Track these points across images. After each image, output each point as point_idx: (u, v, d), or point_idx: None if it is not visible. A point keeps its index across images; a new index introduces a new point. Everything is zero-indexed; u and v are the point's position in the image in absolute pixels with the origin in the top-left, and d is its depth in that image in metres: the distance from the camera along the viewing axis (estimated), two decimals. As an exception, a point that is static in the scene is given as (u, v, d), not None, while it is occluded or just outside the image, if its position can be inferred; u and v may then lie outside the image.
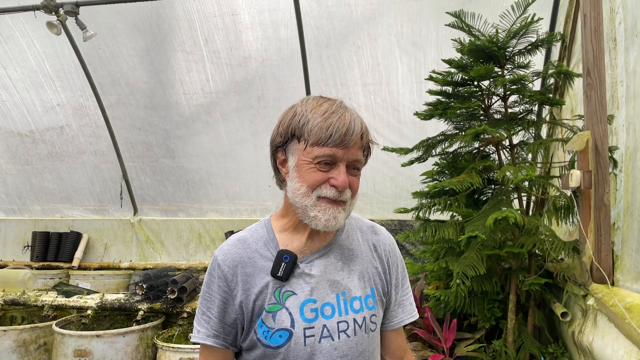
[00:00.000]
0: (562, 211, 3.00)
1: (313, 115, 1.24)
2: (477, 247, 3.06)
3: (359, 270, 1.38)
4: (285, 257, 1.29)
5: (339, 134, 1.21)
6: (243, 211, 5.88)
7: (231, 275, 1.31)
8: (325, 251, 1.36)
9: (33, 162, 6.16)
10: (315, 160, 1.24)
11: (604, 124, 2.61)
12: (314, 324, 1.27)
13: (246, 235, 1.39)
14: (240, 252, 1.34)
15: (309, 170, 1.25)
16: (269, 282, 1.29)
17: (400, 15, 4.55)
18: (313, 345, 1.26)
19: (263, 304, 1.28)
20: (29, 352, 4.08)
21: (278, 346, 1.26)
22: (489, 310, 3.35)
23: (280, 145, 1.32)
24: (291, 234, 1.36)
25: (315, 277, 1.31)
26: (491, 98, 3.39)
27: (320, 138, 1.22)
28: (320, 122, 1.22)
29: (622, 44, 2.64)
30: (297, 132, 1.26)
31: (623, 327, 2.11)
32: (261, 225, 1.41)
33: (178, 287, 4.07)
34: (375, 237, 1.48)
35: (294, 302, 1.28)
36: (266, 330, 1.27)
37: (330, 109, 1.25)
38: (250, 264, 1.32)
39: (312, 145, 1.23)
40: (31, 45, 5.35)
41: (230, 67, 5.12)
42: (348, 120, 1.23)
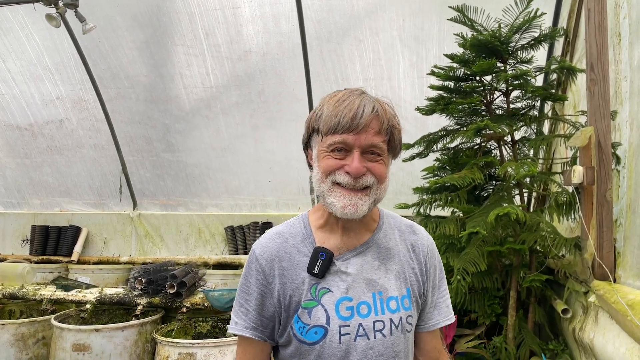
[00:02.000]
0: (564, 207, 2.99)
1: (327, 106, 1.25)
2: (478, 243, 3.04)
3: (396, 270, 1.37)
4: (321, 254, 1.29)
5: (345, 119, 1.20)
6: (243, 206, 5.86)
7: (269, 269, 1.31)
8: (362, 249, 1.35)
9: (32, 156, 6.14)
10: (329, 148, 1.25)
11: (607, 120, 2.59)
12: (349, 322, 1.27)
13: (284, 230, 1.39)
14: (278, 247, 1.34)
15: (325, 157, 1.26)
16: (305, 278, 1.29)
17: (402, 9, 4.52)
18: (348, 344, 1.26)
19: (299, 299, 1.28)
20: (28, 346, 4.07)
21: (313, 342, 1.26)
22: (489, 307, 3.35)
23: (306, 141, 1.35)
24: (327, 231, 1.36)
25: (351, 275, 1.31)
26: (493, 93, 3.37)
27: (330, 126, 1.22)
28: (331, 111, 1.23)
29: (627, 39, 2.62)
30: (315, 125, 1.28)
31: (625, 324, 2.09)
32: (299, 220, 1.41)
33: (177, 282, 4.06)
34: (413, 237, 1.46)
35: (330, 299, 1.28)
36: (302, 326, 1.27)
37: (342, 97, 1.25)
38: (287, 259, 1.32)
39: (326, 135, 1.24)
40: (30, 37, 5.31)
41: (230, 61, 5.09)
42: (356, 105, 1.22)
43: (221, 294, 3.92)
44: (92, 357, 3.68)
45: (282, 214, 5.74)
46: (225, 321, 4.10)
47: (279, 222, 5.90)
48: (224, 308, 3.85)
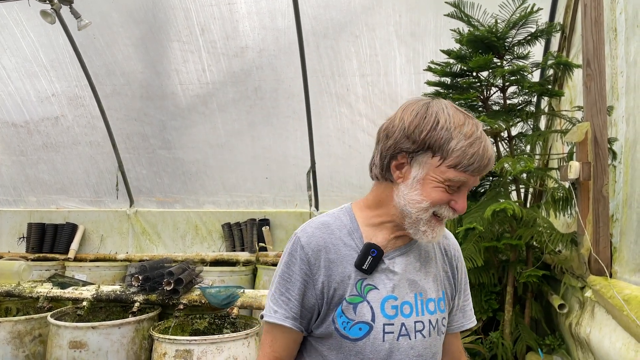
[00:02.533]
0: (560, 203, 2.99)
1: (457, 135, 1.18)
2: (475, 239, 3.05)
3: (433, 273, 1.37)
4: (372, 250, 1.27)
5: (480, 164, 1.18)
6: (240, 203, 5.86)
7: (314, 259, 1.27)
8: (406, 250, 1.34)
9: (28, 153, 6.12)
10: (447, 182, 1.20)
11: (604, 115, 2.59)
12: (393, 321, 1.26)
13: (329, 221, 1.34)
14: (325, 237, 1.30)
15: (436, 188, 1.21)
16: (352, 273, 1.27)
17: (398, 5, 4.51)
18: (392, 343, 1.25)
19: (344, 293, 1.26)
20: (24, 343, 4.06)
21: (357, 339, 1.24)
22: (486, 302, 3.35)
23: (408, 151, 1.23)
24: (375, 228, 1.33)
25: (397, 274, 1.30)
26: (490, 89, 3.36)
27: (461, 163, 1.17)
28: (466, 147, 1.17)
29: (623, 35, 2.62)
30: (435, 146, 1.19)
31: (621, 319, 2.10)
32: (343, 213, 1.37)
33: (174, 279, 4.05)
34: (445, 241, 1.46)
35: (376, 296, 1.26)
36: (346, 321, 1.25)
37: (475, 133, 1.19)
38: (334, 251, 1.28)
39: (449, 167, 1.19)
40: (25, 34, 5.29)
41: (226, 57, 5.07)
42: (489, 150, 1.20)
43: (218, 290, 3.91)
44: (88, 354, 3.67)
45: (279, 210, 5.74)
46: (222, 318, 4.09)
47: (276, 219, 5.89)
48: (221, 305, 3.85)
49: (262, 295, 3.77)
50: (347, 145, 5.31)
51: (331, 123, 5.25)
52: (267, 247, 5.45)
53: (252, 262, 5.36)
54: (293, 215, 5.70)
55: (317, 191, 5.56)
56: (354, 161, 5.34)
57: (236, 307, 3.71)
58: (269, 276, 4.91)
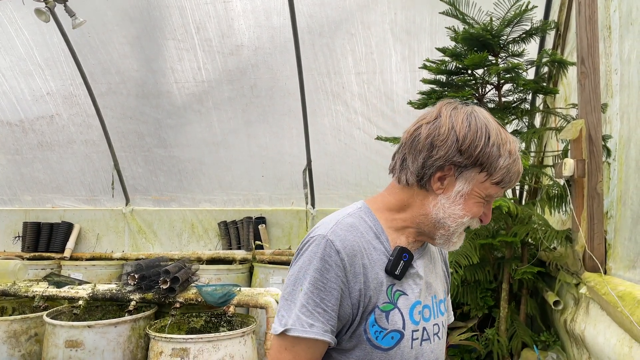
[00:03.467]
0: (555, 200, 3.01)
1: (504, 152, 1.18)
2: (470, 236, 3.06)
3: (439, 274, 1.39)
4: (404, 255, 1.22)
5: (514, 180, 1.23)
6: (236, 201, 5.85)
7: (350, 265, 1.17)
8: (422, 252, 1.32)
9: (23, 152, 6.09)
10: (487, 197, 1.23)
11: (598, 113, 2.60)
12: (418, 327, 1.25)
13: (356, 223, 1.24)
14: (357, 241, 1.20)
15: (477, 203, 1.22)
16: (383, 279, 1.20)
17: (394, 3, 4.51)
18: (417, 349, 1.24)
19: (377, 301, 1.19)
20: (20, 343, 4.05)
21: (388, 348, 1.19)
22: (481, 299, 3.36)
23: (460, 165, 1.18)
24: (397, 231, 1.27)
25: (423, 278, 1.28)
26: (485, 87, 3.37)
27: (504, 180, 1.20)
28: (510, 165, 1.19)
29: (617, 32, 2.63)
30: (486, 163, 1.18)
31: (615, 315, 2.11)
32: (364, 213, 1.28)
33: (170, 277, 4.05)
34: None
35: (405, 303, 1.22)
36: (379, 330, 1.18)
37: (516, 151, 1.22)
38: (366, 255, 1.20)
39: (493, 183, 1.20)
40: (19, 32, 5.26)
41: (222, 55, 5.06)
42: (522, 168, 1.25)
43: (215, 289, 3.91)
44: (85, 353, 3.67)
45: (275, 208, 5.74)
46: (218, 316, 4.10)
47: (272, 217, 5.89)
48: (217, 303, 3.85)
49: (259, 293, 3.77)
50: (343, 143, 5.32)
51: (327, 121, 5.25)
52: (263, 245, 5.45)
53: (249, 260, 5.36)
54: (289, 213, 5.70)
55: (313, 189, 5.56)
56: (350, 159, 5.34)
57: (232, 305, 3.71)
58: (266, 274, 4.91)
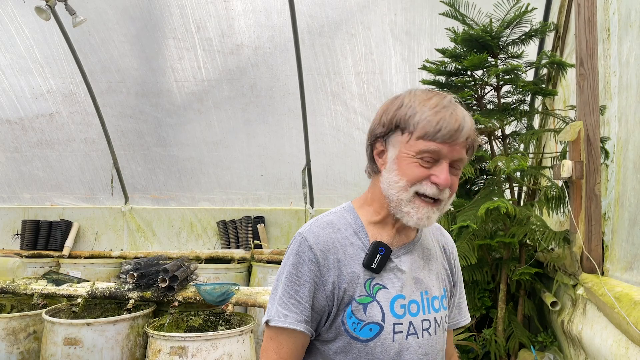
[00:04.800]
0: (553, 201, 3.02)
1: (421, 108, 1.19)
2: (469, 237, 3.07)
3: (436, 271, 1.37)
4: (380, 249, 1.25)
5: (448, 129, 1.16)
6: (235, 200, 5.86)
7: (323, 260, 1.24)
8: (410, 248, 1.34)
9: (22, 150, 6.09)
10: (419, 154, 1.19)
11: (596, 115, 2.61)
12: (402, 320, 1.25)
13: (334, 220, 1.31)
14: (332, 237, 1.27)
15: (410, 164, 1.20)
16: (360, 273, 1.25)
17: (394, 3, 4.52)
18: (401, 342, 1.24)
19: (353, 294, 1.23)
20: (19, 340, 4.05)
21: (367, 339, 1.22)
22: (479, 300, 3.37)
23: (381, 135, 1.26)
24: (379, 226, 1.32)
25: (405, 273, 1.29)
26: (484, 88, 3.38)
27: (427, 132, 1.17)
28: (430, 116, 1.17)
29: (616, 34, 2.64)
30: (402, 123, 1.21)
31: (612, 317, 2.12)
32: (346, 211, 1.34)
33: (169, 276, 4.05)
34: (443, 238, 1.47)
35: (385, 296, 1.25)
36: (356, 322, 1.23)
37: (441, 103, 1.19)
38: (341, 250, 1.26)
39: (418, 139, 1.18)
40: (20, 30, 5.26)
41: (222, 54, 5.07)
42: (461, 116, 1.18)
43: (213, 287, 3.92)
44: (83, 351, 3.67)
45: (274, 208, 5.74)
46: (217, 315, 4.10)
47: (271, 217, 5.90)
48: (215, 302, 3.85)
49: (257, 292, 3.78)
50: (342, 143, 5.32)
51: (326, 121, 5.25)
52: (262, 245, 5.46)
53: (247, 259, 5.37)
54: (288, 212, 5.70)
55: (312, 189, 5.57)
56: (349, 159, 5.35)
57: (231, 304, 3.72)
58: (264, 273, 4.92)
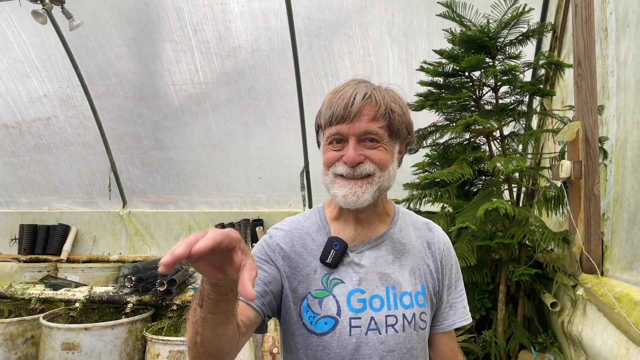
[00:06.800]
0: (552, 202, 3.01)
1: (326, 101, 1.27)
2: (468, 238, 3.06)
3: (410, 266, 1.34)
4: (335, 244, 1.28)
5: (338, 109, 1.21)
6: (233, 203, 5.84)
7: (279, 248, 1.32)
8: (377, 243, 1.34)
9: (20, 154, 6.07)
10: (328, 140, 1.26)
11: (595, 115, 2.61)
12: (361, 315, 1.25)
13: (300, 219, 1.41)
14: (294, 232, 1.35)
15: (326, 151, 1.28)
16: (317, 267, 1.29)
17: (391, 5, 4.52)
18: (359, 337, 1.24)
19: (309, 288, 1.27)
20: (16, 345, 4.04)
21: (323, 333, 1.24)
22: (479, 301, 3.37)
23: (317, 139, 1.37)
24: (341, 222, 1.36)
25: (364, 267, 1.29)
26: (482, 89, 3.38)
27: (326, 119, 1.24)
28: (326, 103, 1.25)
29: (613, 34, 2.64)
30: (318, 121, 1.32)
31: (612, 317, 2.11)
32: (315, 212, 1.42)
33: (167, 280, 4.04)
34: (430, 234, 1.44)
35: (342, 290, 1.26)
36: (312, 315, 1.26)
37: (339, 89, 1.25)
38: (301, 245, 1.33)
39: (325, 129, 1.27)
40: (16, 34, 5.25)
41: (219, 57, 5.06)
42: (349, 94, 1.22)
43: (212, 291, 3.91)
44: (81, 355, 3.66)
45: (272, 210, 5.73)
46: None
47: (269, 219, 5.87)
48: (214, 305, 3.84)
49: (256, 295, 3.76)
50: (340, 145, 5.31)
51: (324, 123, 5.24)
52: (260, 248, 5.44)
53: (246, 262, 5.35)
54: (287, 215, 5.60)
55: (311, 191, 5.56)
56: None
57: (230, 307, 3.70)
58: (263, 276, 4.91)
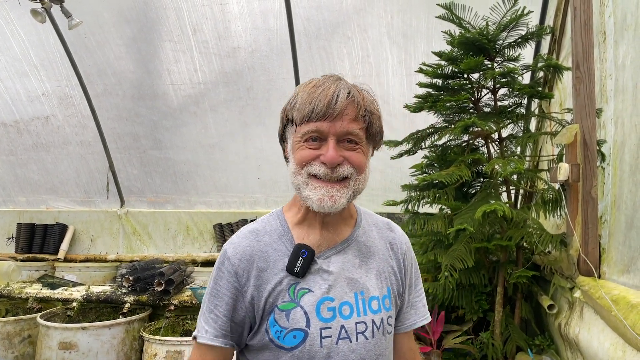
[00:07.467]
0: (550, 204, 3.01)
1: (301, 95, 1.18)
2: (466, 240, 3.06)
3: (376, 269, 1.30)
4: (302, 251, 1.21)
5: (320, 106, 1.13)
6: (232, 203, 5.84)
7: (242, 270, 1.21)
8: (343, 247, 1.28)
9: (18, 153, 6.06)
10: (303, 137, 1.18)
11: (593, 118, 2.61)
12: (331, 324, 1.19)
13: (258, 227, 1.30)
14: (252, 245, 1.24)
15: (299, 148, 1.19)
16: (283, 279, 1.20)
17: (390, 6, 4.53)
18: (330, 347, 1.17)
19: (276, 301, 1.19)
20: (13, 344, 4.03)
21: (292, 347, 1.17)
22: (476, 303, 3.37)
23: (282, 133, 1.28)
24: (305, 227, 1.28)
25: (333, 274, 1.23)
26: (481, 91, 3.38)
27: (304, 114, 1.15)
28: (304, 98, 1.16)
29: (612, 38, 2.65)
30: (289, 115, 1.22)
31: (609, 319, 2.12)
32: (274, 217, 1.33)
33: (165, 280, 4.04)
34: (391, 234, 1.39)
35: (310, 300, 1.19)
36: (279, 330, 1.18)
37: (317, 84, 1.18)
38: (263, 259, 1.23)
39: (300, 124, 1.17)
40: (15, 33, 5.24)
41: (218, 57, 5.06)
42: (332, 90, 1.16)
43: (209, 291, 3.91)
44: (78, 355, 3.65)
45: (270, 211, 5.72)
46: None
47: (267, 220, 5.89)
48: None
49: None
50: (339, 146, 5.32)
51: (323, 124, 5.25)
52: (258, 248, 5.44)
53: (244, 262, 5.35)
54: (285, 215, 5.69)
55: (309, 192, 5.56)
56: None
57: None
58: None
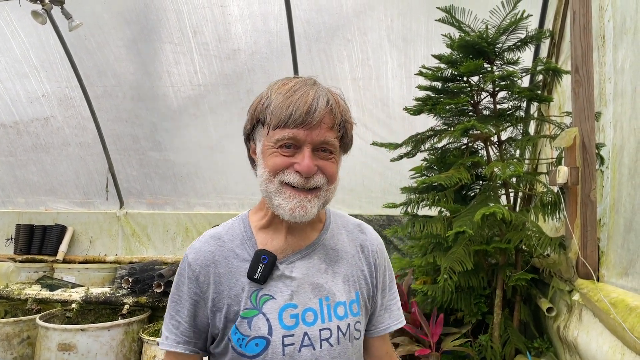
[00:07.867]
0: (549, 207, 3.02)
1: (276, 97, 1.13)
2: (465, 242, 3.07)
3: (344, 273, 1.26)
4: (263, 257, 1.18)
5: (299, 112, 1.09)
6: (231, 205, 5.84)
7: (203, 276, 1.20)
8: (308, 252, 1.25)
9: (17, 154, 6.07)
10: (277, 144, 1.13)
11: (592, 121, 2.62)
12: (293, 332, 1.16)
13: (221, 232, 1.28)
14: (214, 251, 1.22)
15: (272, 155, 1.14)
16: (245, 285, 1.18)
17: (390, 9, 4.54)
18: (292, 355, 1.15)
19: (238, 308, 1.17)
20: (12, 346, 4.02)
21: (254, 355, 1.15)
22: (475, 305, 3.37)
23: (249, 132, 1.23)
24: (270, 231, 1.25)
25: (296, 279, 1.20)
26: (480, 94, 3.39)
27: (280, 119, 1.10)
28: (281, 102, 1.11)
29: (611, 42, 2.66)
30: (260, 116, 1.16)
31: (608, 322, 2.12)
32: (238, 221, 1.30)
33: (164, 281, 4.04)
34: (362, 236, 1.36)
35: (272, 307, 1.17)
36: (241, 337, 1.16)
37: (294, 87, 1.13)
38: (224, 264, 1.21)
39: (274, 128, 1.12)
40: (16, 34, 5.25)
41: (219, 59, 5.07)
42: (311, 97, 1.11)
43: (209, 293, 3.91)
44: (77, 356, 3.65)
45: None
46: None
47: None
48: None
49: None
50: (338, 148, 5.33)
51: (323, 126, 5.25)
52: (257, 250, 5.44)
53: (243, 264, 5.35)
54: (284, 217, 5.69)
55: (309, 194, 5.57)
56: (345, 164, 5.19)
57: (227, 309, 3.70)
58: (260, 279, 4.91)
